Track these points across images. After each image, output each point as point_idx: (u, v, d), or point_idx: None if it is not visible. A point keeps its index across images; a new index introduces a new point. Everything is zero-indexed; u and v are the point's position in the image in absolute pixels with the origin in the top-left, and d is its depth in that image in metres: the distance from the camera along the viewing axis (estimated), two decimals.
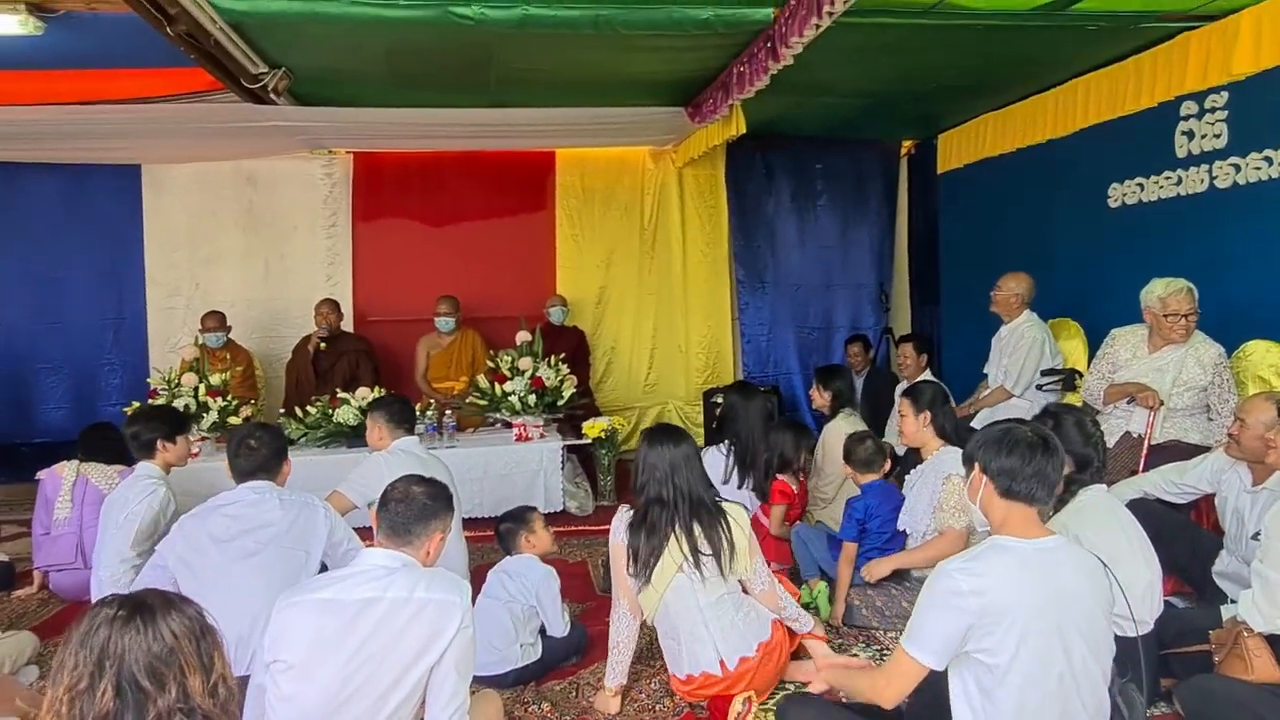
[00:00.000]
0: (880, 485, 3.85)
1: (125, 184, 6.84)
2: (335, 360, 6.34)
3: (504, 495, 5.31)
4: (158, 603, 1.41)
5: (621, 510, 2.98)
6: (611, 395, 7.49)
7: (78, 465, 4.27)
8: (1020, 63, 5.13)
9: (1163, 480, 3.57)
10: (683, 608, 2.84)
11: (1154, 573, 2.59)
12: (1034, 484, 2.09)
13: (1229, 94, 4.32)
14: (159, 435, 3.57)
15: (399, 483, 2.30)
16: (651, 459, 2.90)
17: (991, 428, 2.25)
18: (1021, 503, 2.11)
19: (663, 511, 2.84)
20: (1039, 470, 2.08)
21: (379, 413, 3.84)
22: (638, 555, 2.83)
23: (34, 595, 4.29)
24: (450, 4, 3.96)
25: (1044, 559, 2.07)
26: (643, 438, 3.00)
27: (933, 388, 3.93)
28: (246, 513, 2.87)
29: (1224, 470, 3.38)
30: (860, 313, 7.81)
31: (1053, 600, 2.02)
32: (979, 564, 2.06)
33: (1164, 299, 3.98)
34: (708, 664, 2.83)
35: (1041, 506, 2.13)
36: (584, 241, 7.48)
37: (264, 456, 2.98)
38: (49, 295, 6.79)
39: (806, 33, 3.84)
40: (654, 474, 2.88)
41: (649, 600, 2.86)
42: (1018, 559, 2.06)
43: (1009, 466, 2.10)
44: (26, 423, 6.75)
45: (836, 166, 7.70)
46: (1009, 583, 2.02)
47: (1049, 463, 2.10)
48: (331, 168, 7.13)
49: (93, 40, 4.30)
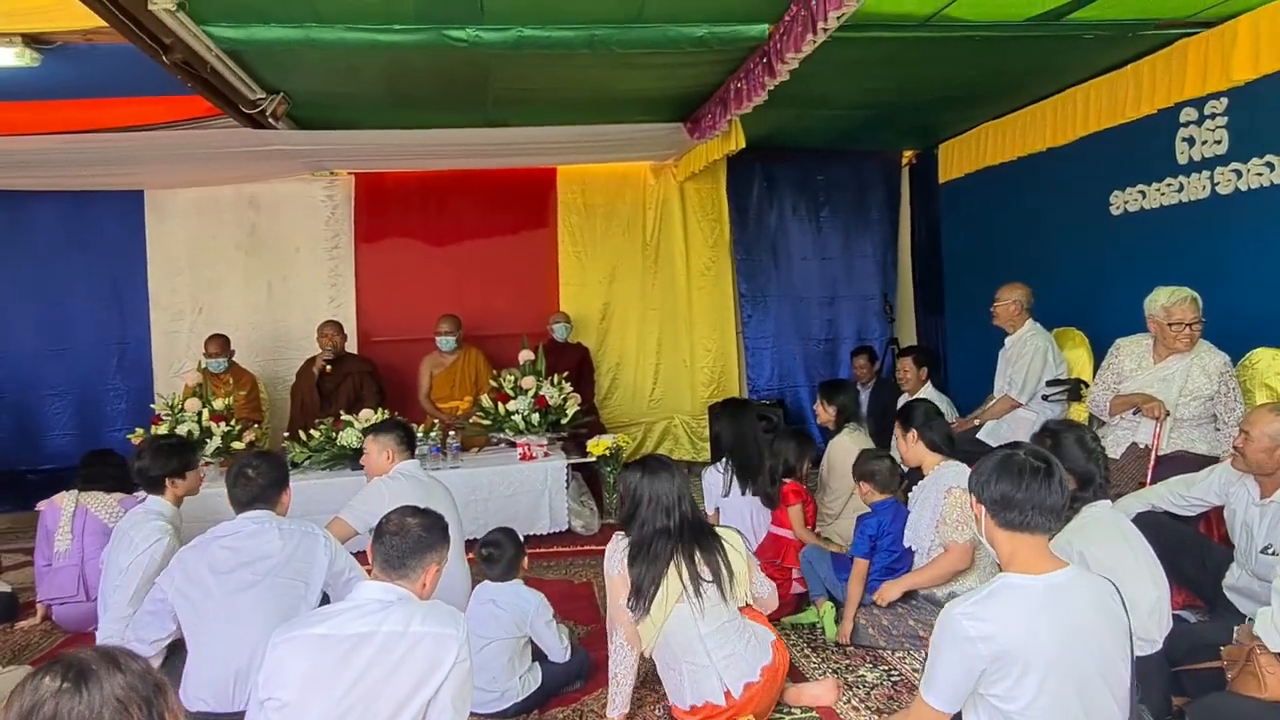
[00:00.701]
0: (892, 503, 3.81)
1: (128, 209, 6.87)
2: (340, 382, 6.33)
3: (509, 515, 5.29)
4: (102, 666, 1.31)
5: (617, 541, 2.92)
6: (617, 411, 7.47)
7: (77, 495, 4.23)
8: (1018, 72, 5.12)
9: (1170, 493, 3.52)
10: (684, 638, 2.80)
11: (1161, 589, 2.55)
12: (1032, 512, 2.01)
13: (1229, 100, 4.30)
14: (167, 472, 3.48)
15: (394, 514, 2.28)
16: (656, 489, 2.87)
17: (991, 454, 2.19)
18: (1023, 533, 2.03)
19: (666, 542, 2.81)
20: (1035, 497, 2.00)
21: (382, 437, 3.81)
22: (640, 587, 2.78)
23: (37, 627, 4.28)
24: (444, 27, 3.98)
25: (1056, 596, 1.99)
26: (634, 470, 2.96)
27: (918, 406, 3.94)
28: (245, 544, 2.84)
29: (1232, 482, 3.33)
30: (865, 324, 7.78)
31: (1067, 642, 1.94)
32: (986, 608, 1.99)
33: (1168, 308, 3.93)
34: (711, 693, 2.79)
35: (1047, 535, 2.05)
36: (586, 258, 7.48)
37: (261, 486, 2.95)
38: (53, 321, 6.81)
39: (802, 48, 3.83)
40: (658, 504, 2.85)
41: (648, 632, 2.82)
42: (1028, 599, 1.98)
43: (1002, 495, 2.03)
44: (31, 450, 6.75)
45: (838, 178, 7.69)
46: (1020, 626, 1.94)
47: (1047, 488, 2.01)
48: (333, 189, 7.15)
49: (90, 70, 4.33)
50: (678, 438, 7.62)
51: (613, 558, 2.89)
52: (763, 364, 7.71)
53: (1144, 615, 2.48)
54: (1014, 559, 2.05)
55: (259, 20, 3.81)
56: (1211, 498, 3.41)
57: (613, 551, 2.90)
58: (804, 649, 3.67)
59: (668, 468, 2.95)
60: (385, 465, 3.73)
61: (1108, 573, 2.46)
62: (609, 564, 2.90)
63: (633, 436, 7.24)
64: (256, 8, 3.69)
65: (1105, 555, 2.51)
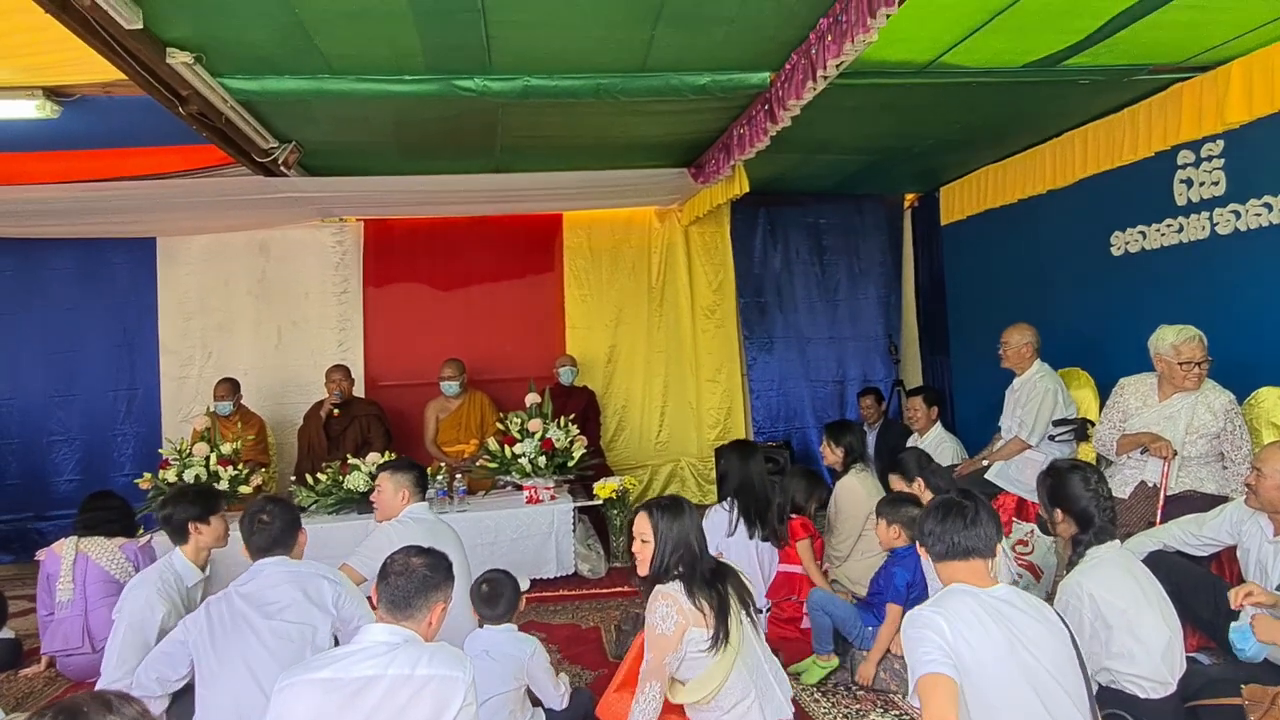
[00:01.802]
0: (913, 549, 3.73)
1: (141, 256, 6.97)
2: (346, 425, 6.36)
3: (516, 559, 5.26)
4: (94, 710, 1.30)
5: (661, 594, 2.72)
6: (623, 454, 7.46)
7: (76, 542, 4.16)
8: (1016, 116, 5.20)
9: (1181, 532, 3.50)
10: (754, 660, 2.76)
11: (1174, 630, 2.52)
12: (966, 539, 2.27)
13: (1224, 142, 4.36)
14: (190, 516, 3.45)
15: (398, 554, 2.28)
16: (683, 530, 2.79)
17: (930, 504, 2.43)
18: (956, 560, 2.29)
19: (713, 576, 2.77)
20: (953, 528, 2.28)
21: (399, 476, 3.71)
22: (715, 629, 2.66)
23: (41, 674, 4.25)
24: (453, 77, 4.08)
25: (999, 605, 2.19)
26: (671, 511, 2.85)
27: (912, 455, 3.97)
28: (259, 590, 2.85)
29: (1244, 521, 3.31)
30: (870, 365, 7.80)
31: (1016, 642, 2.12)
32: (941, 603, 2.21)
33: (1177, 346, 3.93)
34: (780, 709, 2.74)
35: (978, 559, 2.28)
36: (592, 301, 7.54)
37: (277, 530, 2.96)
38: (63, 367, 6.87)
39: (803, 96, 3.91)
40: (689, 544, 2.78)
41: (720, 669, 2.65)
42: (975, 601, 2.19)
43: (931, 531, 2.33)
44: (39, 495, 6.76)
45: (841, 221, 7.77)
46: (971, 620, 2.14)
47: (962, 520, 2.29)
48: (342, 235, 7.26)
49: (108, 121, 4.43)
50: (684, 480, 7.60)
51: (666, 616, 2.66)
52: (768, 406, 7.71)
53: (1157, 657, 2.45)
54: (954, 580, 2.31)
55: (273, 72, 3.92)
56: (1223, 536, 3.39)
57: (664, 610, 2.67)
58: (814, 693, 3.63)
59: (684, 505, 2.90)
60: (398, 505, 3.68)
61: (1118, 614, 2.45)
62: (661, 623, 2.66)
63: (639, 479, 7.22)
64: (271, 60, 3.80)
65: (1115, 598, 2.49)
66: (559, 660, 4.10)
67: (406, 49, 3.73)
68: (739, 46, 3.88)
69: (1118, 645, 2.46)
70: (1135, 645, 2.43)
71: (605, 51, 3.87)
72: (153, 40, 3.41)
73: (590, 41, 3.74)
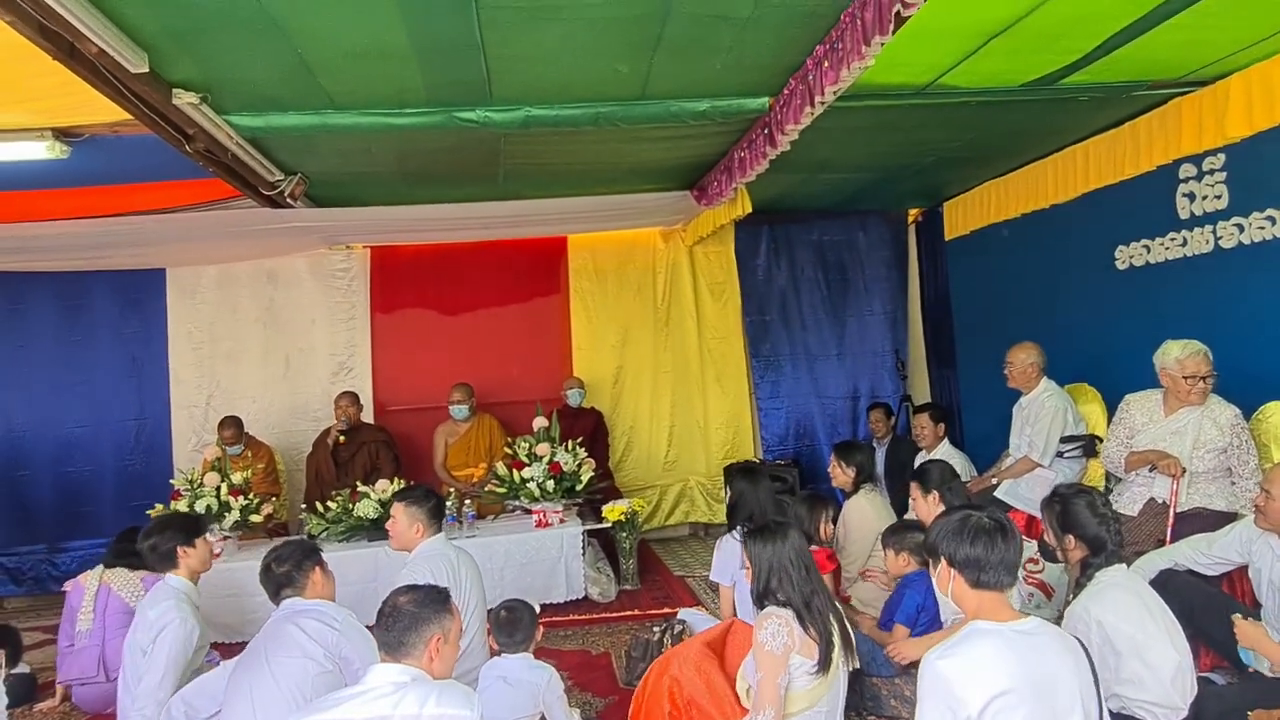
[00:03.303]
0: (924, 575, 3.67)
1: (151, 287, 7.02)
2: (355, 451, 6.39)
3: (526, 584, 5.27)
4: None
5: (774, 614, 2.79)
6: (632, 475, 7.46)
7: (100, 573, 4.27)
8: (1017, 134, 5.21)
9: (1192, 550, 3.48)
10: (841, 682, 2.83)
11: (1182, 654, 2.51)
12: (1000, 572, 2.15)
13: (1226, 156, 4.36)
14: (176, 543, 3.52)
15: (388, 597, 2.32)
16: (786, 552, 2.88)
17: (948, 516, 2.29)
18: (991, 590, 2.17)
19: (817, 597, 2.85)
20: (1003, 558, 2.16)
21: (413, 509, 3.62)
22: (821, 657, 2.75)
23: (55, 709, 4.27)
24: (455, 109, 4.12)
25: (1023, 641, 2.09)
26: (763, 536, 2.93)
27: (939, 467, 3.91)
28: (271, 628, 2.88)
29: (1254, 540, 3.29)
30: (878, 381, 7.78)
31: (1041, 681, 2.03)
32: (960, 651, 2.08)
33: (1182, 361, 3.94)
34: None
35: (1008, 590, 2.20)
36: (598, 323, 7.57)
37: (280, 576, 3.00)
38: (76, 398, 6.90)
39: (801, 120, 3.95)
40: (793, 564, 2.87)
41: (811, 694, 2.75)
42: (999, 641, 2.08)
43: (975, 557, 2.17)
44: (52, 528, 6.78)
45: (845, 237, 7.78)
46: (994, 665, 2.03)
47: (1009, 548, 2.18)
48: (349, 262, 7.31)
49: (116, 159, 4.49)
50: (694, 500, 7.60)
51: (776, 634, 2.72)
52: (776, 424, 7.70)
53: (1167, 683, 2.44)
54: (980, 611, 2.18)
55: (277, 109, 3.97)
56: (1233, 555, 3.37)
57: (775, 627, 2.73)
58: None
59: (776, 529, 2.96)
60: (412, 538, 3.61)
61: (1126, 640, 2.44)
62: (770, 640, 2.71)
63: (648, 500, 7.22)
64: (275, 97, 3.85)
65: (1124, 623, 2.48)
66: (570, 687, 4.08)
67: (408, 84, 3.78)
68: (737, 73, 3.92)
69: (1127, 671, 2.44)
70: (1144, 671, 2.42)
71: (604, 81, 3.90)
72: (159, 82, 3.47)
73: (589, 72, 3.78)
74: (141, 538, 3.61)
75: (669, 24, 3.32)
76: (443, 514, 3.81)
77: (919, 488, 3.89)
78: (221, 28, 3.11)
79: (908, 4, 2.86)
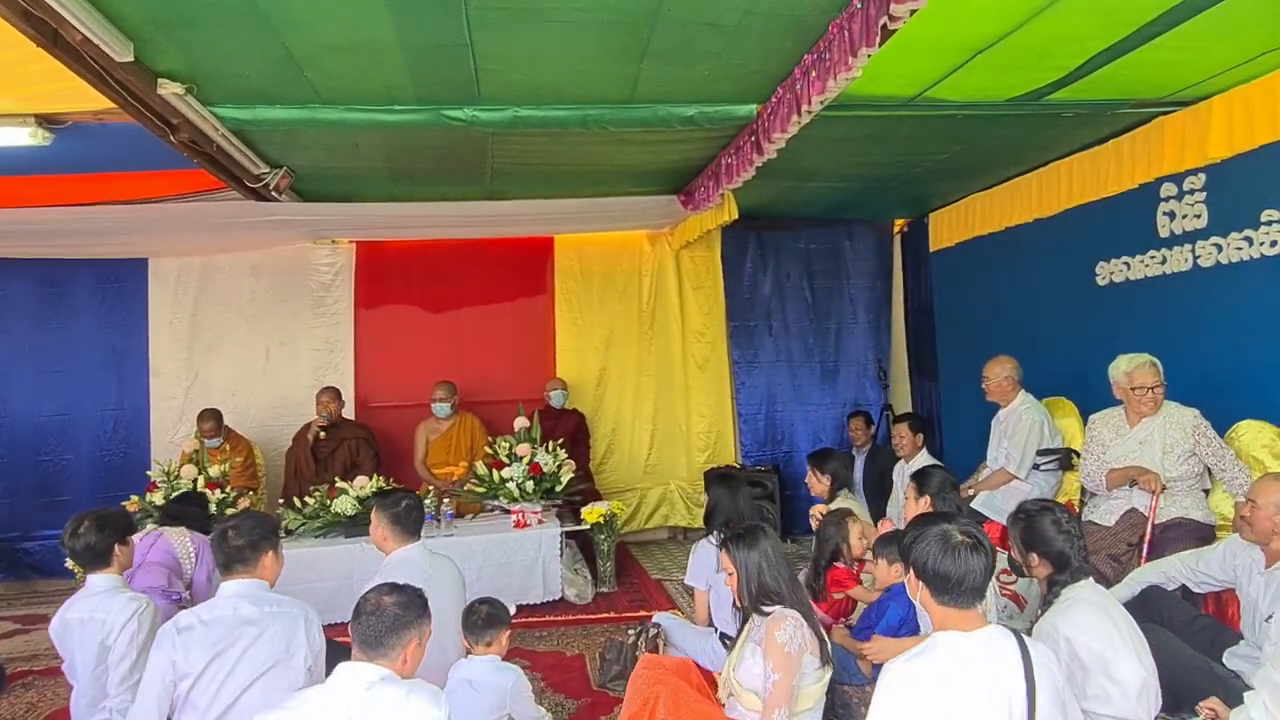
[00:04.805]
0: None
1: (132, 276, 6.96)
2: (335, 447, 6.35)
3: (502, 584, 5.26)
4: None
5: (779, 620, 2.78)
6: (613, 477, 7.46)
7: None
8: (1002, 148, 5.25)
9: (1183, 565, 3.50)
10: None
11: (1148, 669, 2.52)
12: (967, 592, 2.16)
13: (1206, 176, 4.41)
14: (116, 541, 3.20)
15: (370, 594, 2.29)
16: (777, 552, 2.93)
17: (925, 526, 2.29)
18: (953, 607, 2.18)
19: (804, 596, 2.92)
20: (974, 579, 2.16)
21: (382, 515, 3.46)
22: (822, 652, 2.81)
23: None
24: (443, 107, 4.12)
25: (987, 649, 2.12)
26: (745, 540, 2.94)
27: (940, 473, 3.92)
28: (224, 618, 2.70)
29: (1238, 554, 3.32)
30: (860, 390, 7.81)
31: (1000, 691, 2.06)
32: (919, 661, 2.11)
33: (1129, 373, 4.14)
34: None
35: (975, 606, 2.20)
36: (583, 324, 7.56)
37: (237, 548, 2.79)
38: (53, 386, 6.84)
39: (788, 129, 3.96)
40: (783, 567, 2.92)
41: (815, 692, 2.80)
42: (960, 651, 2.11)
43: (944, 572, 2.17)
44: (26, 516, 6.71)
45: (830, 246, 7.81)
46: (951, 676, 2.07)
47: (981, 566, 2.18)
48: (334, 256, 7.26)
49: (99, 146, 4.46)
50: (674, 503, 7.60)
51: (794, 636, 2.73)
52: (756, 430, 7.71)
53: (1133, 698, 2.46)
54: (946, 622, 2.20)
55: (264, 102, 3.95)
56: (1216, 571, 3.39)
57: (793, 629, 2.75)
58: None
59: (758, 533, 2.98)
60: (384, 544, 3.49)
61: (1094, 656, 2.46)
62: (789, 641, 2.71)
63: (628, 503, 7.21)
64: (261, 90, 3.83)
65: (1091, 639, 2.50)
66: (542, 689, 4.09)
67: (396, 81, 3.77)
68: (725, 80, 3.93)
69: (1094, 687, 2.46)
70: (1111, 686, 2.44)
71: (593, 84, 3.91)
72: (144, 71, 3.44)
73: (578, 75, 3.78)
74: (72, 537, 3.21)
75: (657, 29, 3.33)
76: (418, 525, 3.58)
77: (915, 489, 3.88)
78: (208, 18, 3.09)
79: (894, 17, 2.88)
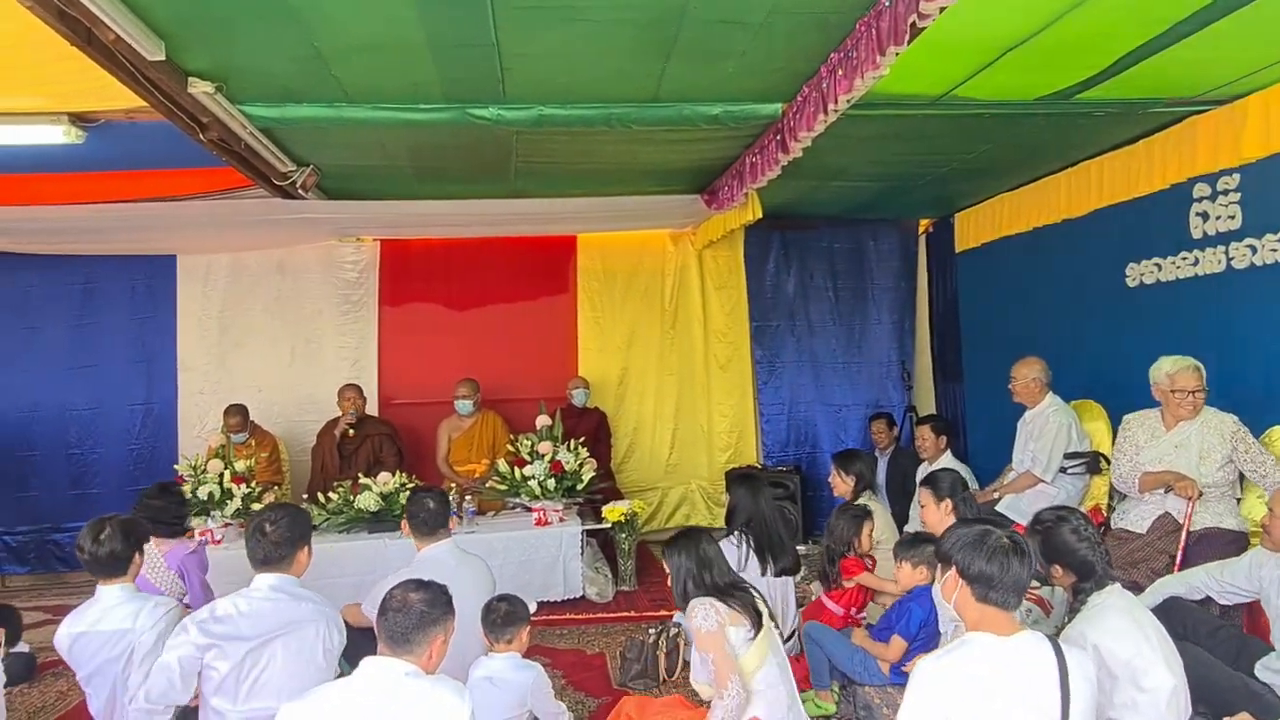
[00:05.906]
0: (930, 590, 3.65)
1: (161, 272, 7.06)
2: (359, 444, 6.40)
3: (524, 581, 5.28)
4: None
5: (691, 611, 2.97)
6: (634, 476, 7.47)
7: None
8: (1030, 147, 5.19)
9: (1208, 577, 3.44)
10: (783, 663, 3.01)
11: (1179, 678, 2.48)
12: (1009, 593, 2.17)
13: (1241, 176, 4.33)
14: (137, 549, 3.19)
15: (397, 590, 2.31)
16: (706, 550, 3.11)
17: (967, 528, 2.29)
18: (997, 608, 2.18)
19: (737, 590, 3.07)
20: (1015, 579, 2.16)
21: (406, 516, 3.61)
22: (751, 618, 2.96)
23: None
24: (469, 106, 4.13)
25: (1021, 653, 2.12)
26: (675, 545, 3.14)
27: (951, 475, 3.88)
28: (258, 610, 2.80)
29: (1264, 564, 3.27)
30: (883, 391, 7.76)
31: (1033, 696, 2.05)
32: (954, 658, 2.12)
33: (1172, 375, 4.05)
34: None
35: (1013, 610, 2.20)
36: (605, 323, 7.57)
37: (273, 544, 2.86)
38: (84, 381, 6.95)
39: (814, 127, 3.94)
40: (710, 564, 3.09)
41: (759, 650, 2.93)
42: (995, 653, 2.12)
43: (987, 574, 2.17)
44: (57, 509, 6.82)
45: (855, 246, 7.76)
46: (985, 676, 2.07)
47: (1024, 570, 2.19)
48: (359, 254, 7.32)
49: (130, 145, 4.51)
50: (694, 503, 7.60)
51: (707, 616, 2.91)
52: (779, 430, 7.69)
53: (1162, 706, 2.42)
54: (981, 624, 2.21)
55: (292, 100, 3.98)
56: (1242, 582, 3.33)
57: (704, 611, 2.93)
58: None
59: (681, 537, 3.17)
60: (416, 544, 3.60)
61: (1122, 665, 2.43)
62: (703, 623, 2.90)
63: (649, 502, 7.22)
64: (289, 89, 3.86)
65: (1119, 646, 2.46)
66: (562, 686, 4.10)
67: (423, 79, 3.79)
68: (751, 78, 3.91)
69: (1122, 696, 2.42)
70: (1140, 695, 2.40)
71: (618, 83, 3.91)
72: (175, 70, 3.48)
73: (603, 74, 3.78)
74: (94, 543, 3.09)
75: (683, 27, 3.32)
76: (440, 523, 3.63)
77: (930, 495, 3.86)
78: (238, 17, 3.12)
79: (924, 15, 2.85)
